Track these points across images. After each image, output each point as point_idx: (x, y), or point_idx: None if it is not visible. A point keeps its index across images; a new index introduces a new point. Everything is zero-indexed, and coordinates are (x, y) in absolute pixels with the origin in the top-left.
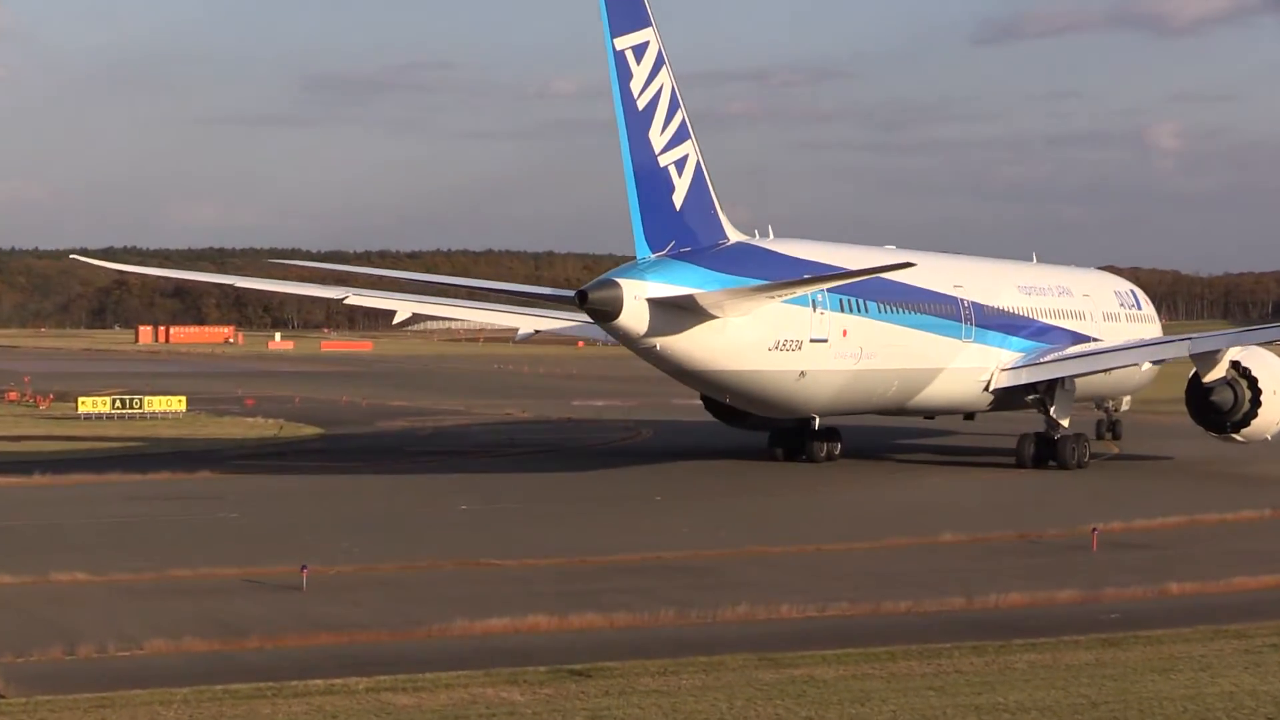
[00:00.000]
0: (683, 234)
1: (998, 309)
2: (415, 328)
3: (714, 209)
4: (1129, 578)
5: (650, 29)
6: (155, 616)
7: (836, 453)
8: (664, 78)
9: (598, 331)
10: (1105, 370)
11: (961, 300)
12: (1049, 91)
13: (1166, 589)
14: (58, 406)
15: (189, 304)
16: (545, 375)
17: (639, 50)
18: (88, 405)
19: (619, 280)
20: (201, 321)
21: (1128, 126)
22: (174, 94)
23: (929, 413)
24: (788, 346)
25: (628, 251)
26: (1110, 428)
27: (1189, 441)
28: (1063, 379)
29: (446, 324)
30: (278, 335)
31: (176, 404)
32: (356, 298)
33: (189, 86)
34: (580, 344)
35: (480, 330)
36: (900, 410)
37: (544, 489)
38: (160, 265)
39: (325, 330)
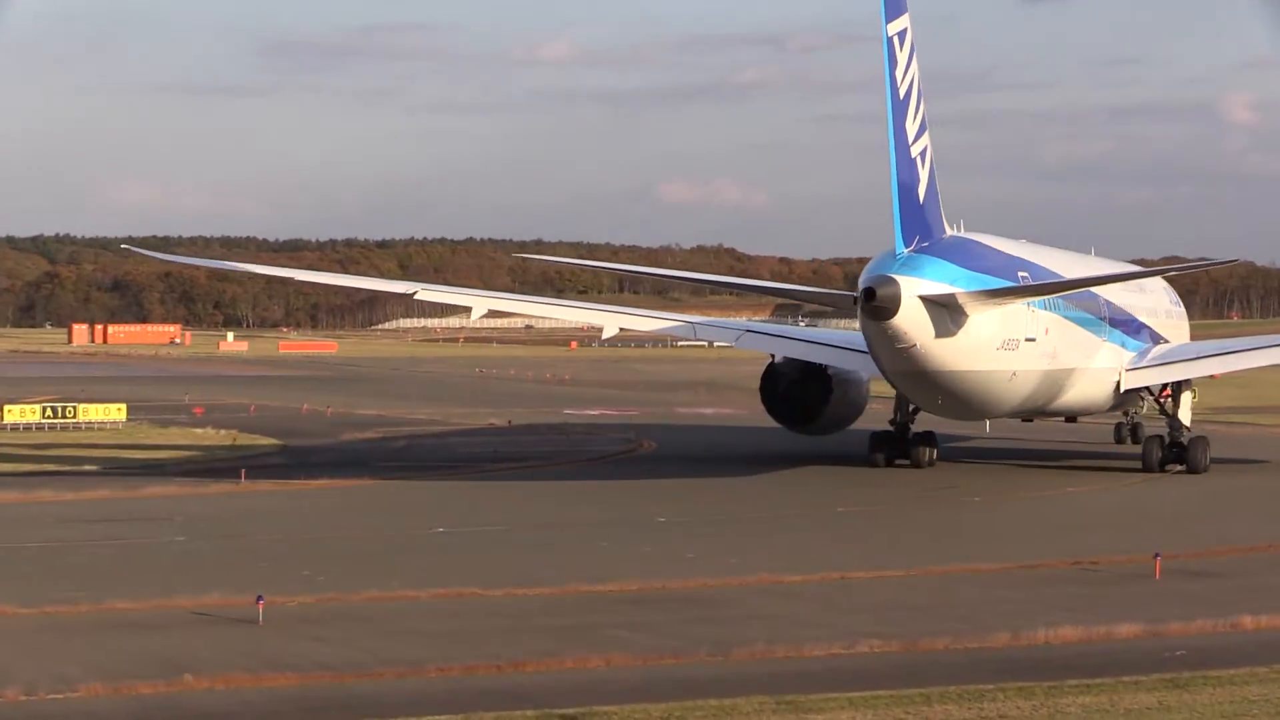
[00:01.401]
0: (923, 227)
1: (1119, 306)
2: (387, 326)
3: (939, 201)
4: (1197, 610)
5: (906, 15)
6: (92, 654)
7: (935, 457)
8: (914, 67)
9: (686, 332)
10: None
11: (1099, 297)
12: (1109, 58)
13: (1239, 623)
14: None
15: (129, 299)
16: (534, 381)
17: (901, 36)
18: (14, 414)
19: (896, 277)
20: (144, 319)
21: (1197, 98)
22: (111, 60)
23: (1057, 414)
24: (1010, 346)
25: (626, 240)
26: (1131, 431)
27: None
28: (1187, 379)
29: (422, 323)
30: (230, 335)
31: (115, 413)
32: (426, 293)
33: (128, 51)
34: (573, 344)
35: (461, 330)
36: (1037, 413)
37: (532, 508)
38: (98, 254)
39: (284, 329)
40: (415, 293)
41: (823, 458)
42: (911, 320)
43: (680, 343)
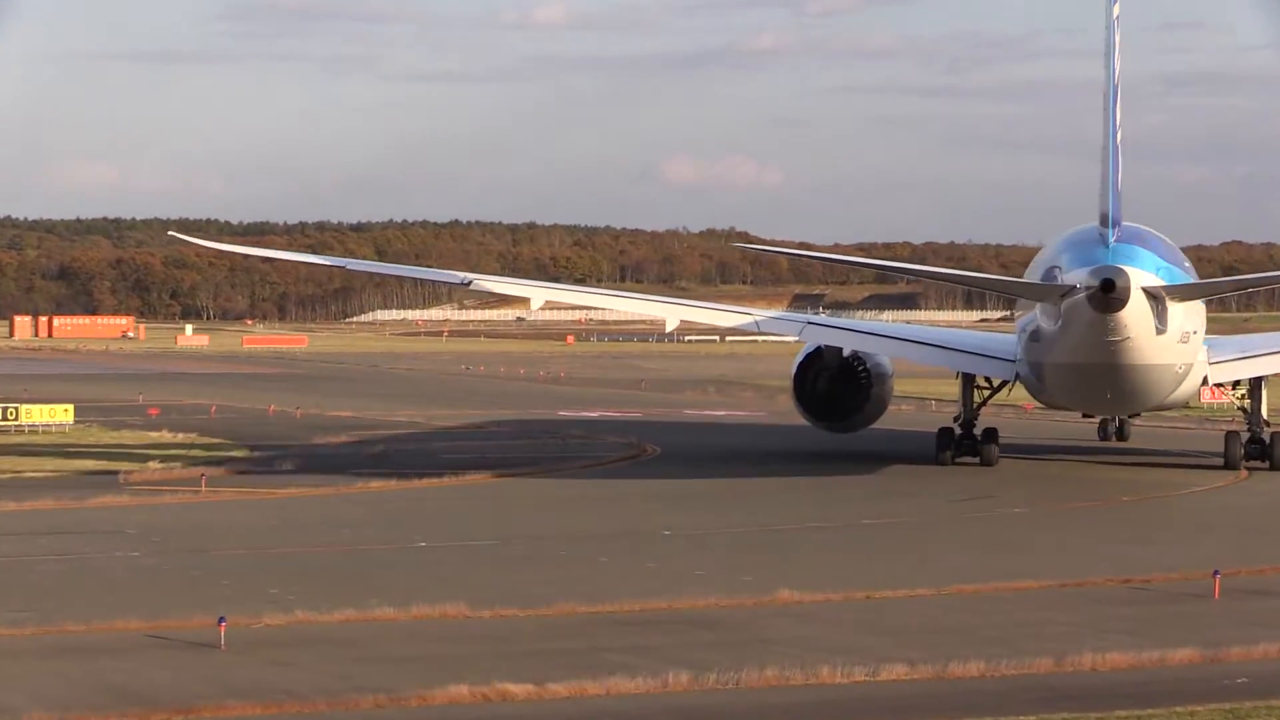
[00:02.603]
0: (1118, 215)
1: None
2: (362, 318)
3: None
4: (1260, 633)
5: None
6: (38, 681)
7: (998, 454)
8: (1118, 51)
9: (748, 325)
10: None
11: None
12: (1163, 22)
13: None
14: None
15: (77, 288)
16: (526, 379)
17: (1119, 20)
18: None
19: (1125, 268)
20: (93, 310)
21: (1262, 66)
22: (55, 25)
23: (1156, 410)
24: (1184, 339)
25: (628, 223)
26: (1119, 427)
27: None
28: (1264, 375)
29: (401, 315)
30: (188, 328)
31: (62, 414)
32: (482, 282)
33: (73, 15)
34: (570, 339)
35: (445, 323)
36: (1157, 408)
37: (523, 519)
38: (42, 238)
39: (248, 322)
40: (469, 282)
41: (846, 461)
42: (1137, 313)
43: (688, 337)
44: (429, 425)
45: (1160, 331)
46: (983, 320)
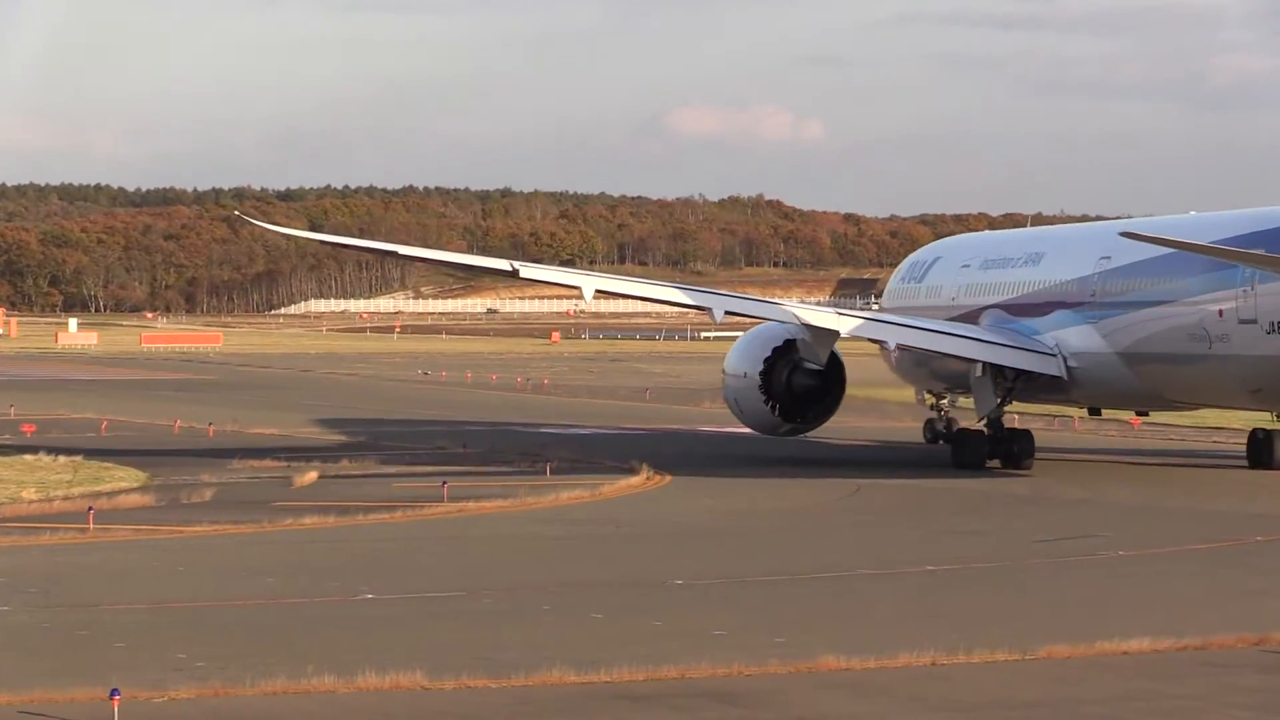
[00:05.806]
0: None
1: None
2: (292, 310)
3: None
4: None
5: None
6: None
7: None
8: None
9: (788, 316)
10: None
11: None
12: None
13: None
14: None
15: None
16: (500, 387)
17: None
18: None
19: None
20: None
21: None
22: None
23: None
24: None
25: (629, 190)
26: (946, 427)
27: None
28: None
29: (342, 305)
30: (72, 322)
31: None
32: (529, 270)
33: None
34: (555, 336)
35: (397, 317)
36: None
37: (493, 566)
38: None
39: (148, 315)
40: (516, 271)
41: (900, 490)
42: None
43: (704, 334)
44: (377, 446)
45: None
46: None
